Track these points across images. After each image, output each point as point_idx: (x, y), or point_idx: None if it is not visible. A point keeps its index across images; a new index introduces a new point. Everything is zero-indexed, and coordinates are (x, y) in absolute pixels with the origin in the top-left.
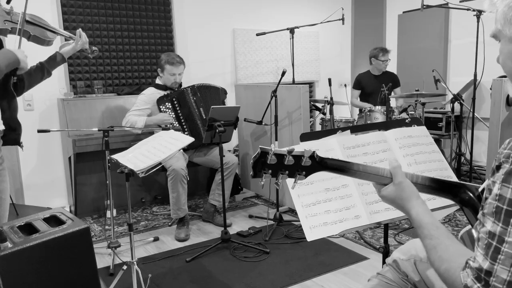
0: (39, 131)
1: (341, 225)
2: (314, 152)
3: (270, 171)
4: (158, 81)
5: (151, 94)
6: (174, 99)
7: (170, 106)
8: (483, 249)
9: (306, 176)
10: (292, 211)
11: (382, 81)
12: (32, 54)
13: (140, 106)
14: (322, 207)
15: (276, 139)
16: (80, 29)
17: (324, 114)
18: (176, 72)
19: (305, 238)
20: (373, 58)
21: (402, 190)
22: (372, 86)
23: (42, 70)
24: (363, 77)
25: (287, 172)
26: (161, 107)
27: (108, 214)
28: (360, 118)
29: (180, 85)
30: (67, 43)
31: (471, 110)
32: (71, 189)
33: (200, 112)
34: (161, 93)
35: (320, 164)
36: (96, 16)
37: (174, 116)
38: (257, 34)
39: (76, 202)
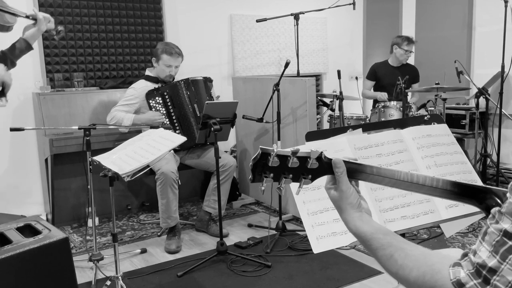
0: (11, 129)
1: (352, 235)
2: (321, 153)
3: (271, 174)
4: (149, 72)
5: (141, 87)
6: (165, 94)
7: (161, 101)
8: (492, 245)
9: (312, 180)
10: (297, 220)
11: (400, 73)
12: None
13: (128, 101)
14: (331, 215)
15: (278, 139)
16: (34, 9)
17: (333, 110)
18: (173, 64)
19: (311, 250)
20: (396, 46)
21: (341, 200)
22: (389, 78)
23: (5, 61)
24: (379, 66)
25: (291, 175)
26: (150, 101)
27: (90, 223)
28: (373, 115)
29: (173, 78)
30: (30, 25)
31: (498, 106)
32: (47, 195)
33: (194, 109)
34: (153, 86)
35: (328, 166)
36: (76, 0)
37: (164, 112)
38: (257, 21)
39: (53, 209)
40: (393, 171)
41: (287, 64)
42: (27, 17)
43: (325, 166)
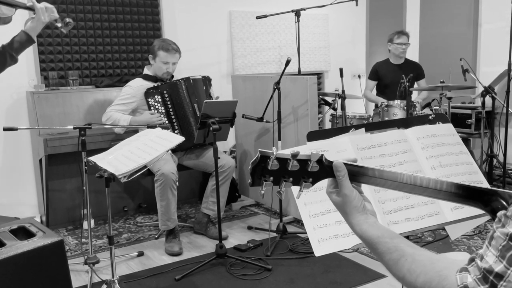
0: (5, 129)
1: (355, 237)
2: (322, 155)
3: (271, 178)
4: (146, 71)
5: (138, 86)
6: (165, 92)
7: (160, 100)
8: (498, 250)
9: (313, 183)
10: (298, 222)
11: (403, 71)
12: None
13: (124, 100)
14: (333, 217)
15: (279, 139)
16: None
17: (335, 109)
18: (170, 60)
19: (312, 252)
20: (389, 43)
21: (345, 204)
22: (391, 76)
23: (4, 55)
24: (381, 66)
25: (291, 179)
26: (149, 100)
27: (85, 225)
28: (376, 114)
29: (172, 77)
30: (31, 17)
31: (505, 105)
32: (42, 196)
33: (194, 108)
34: (150, 85)
35: (329, 169)
36: None
37: (163, 111)
38: (257, 17)
39: (48, 211)
40: (395, 173)
41: (288, 62)
42: (27, 8)
43: (326, 169)
